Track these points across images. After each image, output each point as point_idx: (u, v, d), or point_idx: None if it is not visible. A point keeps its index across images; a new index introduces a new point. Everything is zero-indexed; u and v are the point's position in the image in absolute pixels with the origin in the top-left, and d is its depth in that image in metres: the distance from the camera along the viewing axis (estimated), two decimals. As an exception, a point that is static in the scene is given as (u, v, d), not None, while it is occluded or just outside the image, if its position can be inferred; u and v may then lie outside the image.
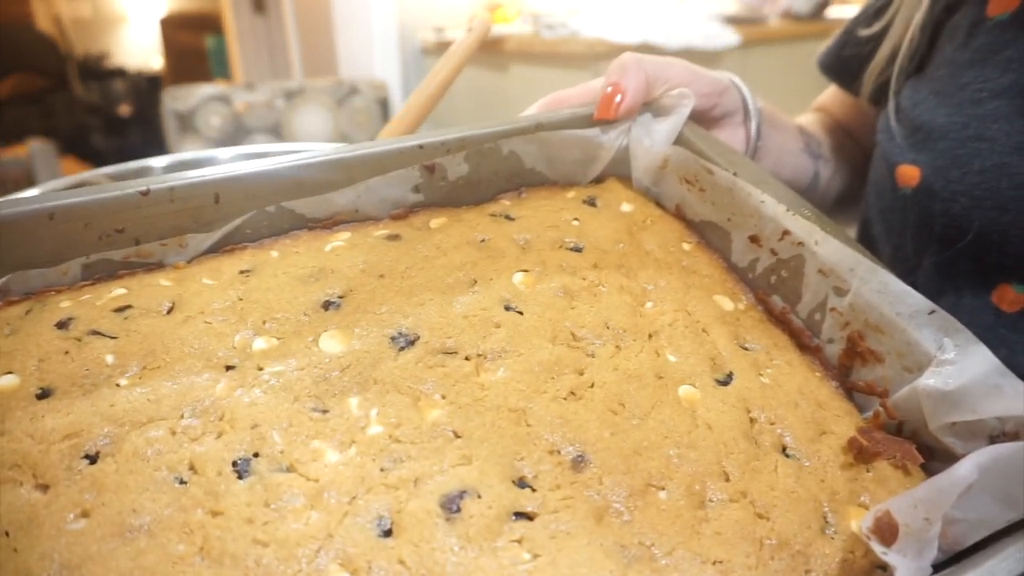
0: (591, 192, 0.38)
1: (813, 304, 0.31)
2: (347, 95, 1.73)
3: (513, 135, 0.36)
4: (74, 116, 4.55)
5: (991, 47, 0.40)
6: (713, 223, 0.35)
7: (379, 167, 0.34)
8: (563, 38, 1.53)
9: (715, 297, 0.32)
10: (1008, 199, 0.37)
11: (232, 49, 2.88)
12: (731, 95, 0.43)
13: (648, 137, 0.38)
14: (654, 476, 0.24)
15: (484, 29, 0.49)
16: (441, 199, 0.36)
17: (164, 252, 0.31)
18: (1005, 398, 0.24)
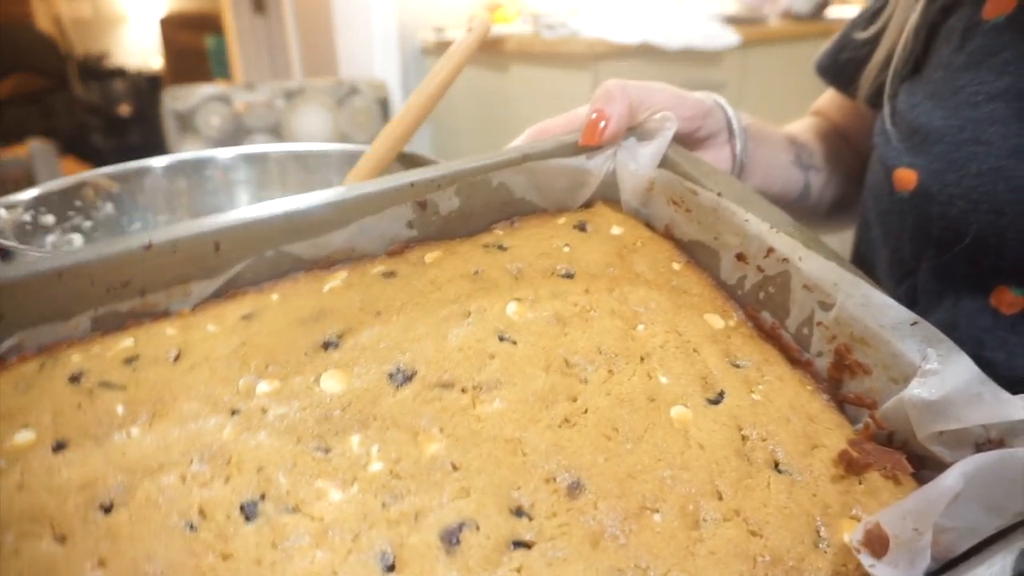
0: (582, 217, 0.39)
1: (801, 319, 0.32)
2: (347, 95, 1.73)
3: (501, 167, 0.37)
4: (74, 116, 4.55)
5: (987, 50, 0.41)
6: (701, 242, 0.36)
7: (372, 206, 0.35)
8: (563, 38, 1.53)
9: (705, 316, 0.33)
10: (1005, 202, 0.38)
11: (232, 49, 2.88)
12: (715, 116, 0.44)
13: (634, 161, 0.39)
14: (648, 499, 0.24)
15: (484, 29, 0.49)
16: (435, 233, 0.37)
17: (169, 301, 0.32)
18: (986, 406, 0.24)
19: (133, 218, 0.54)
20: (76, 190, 0.50)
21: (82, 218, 0.51)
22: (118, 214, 0.53)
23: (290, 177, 0.59)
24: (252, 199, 0.59)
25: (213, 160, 0.57)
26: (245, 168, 0.58)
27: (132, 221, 0.54)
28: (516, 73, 1.68)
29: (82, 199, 0.51)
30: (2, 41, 4.12)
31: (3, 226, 0.44)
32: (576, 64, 1.51)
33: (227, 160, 0.58)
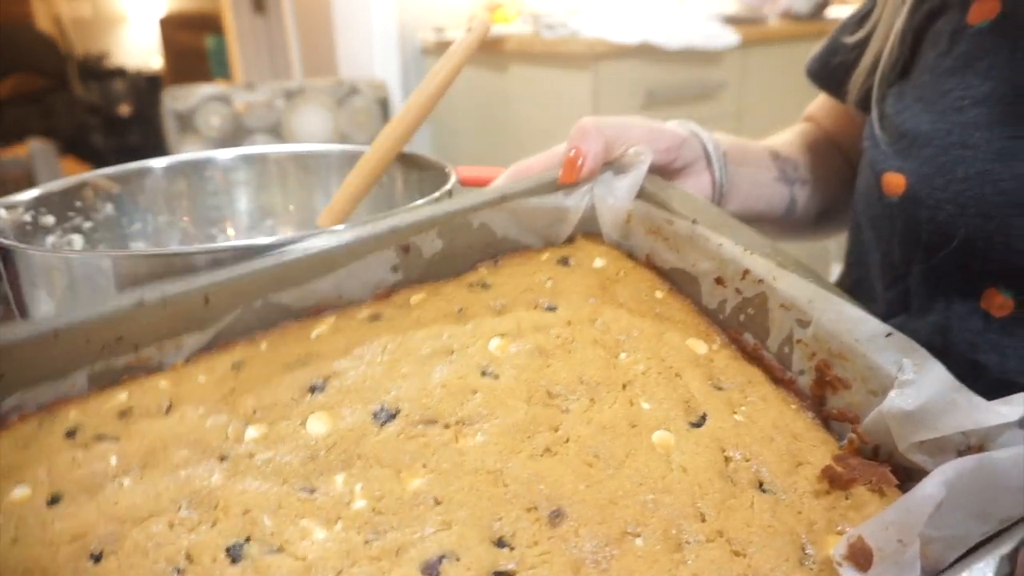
0: (564, 252, 0.39)
1: (781, 338, 0.32)
2: (347, 95, 1.72)
3: (481, 208, 0.38)
4: (74, 116, 4.54)
5: (972, 54, 0.41)
6: (681, 270, 0.37)
7: (356, 252, 0.36)
8: (563, 38, 1.53)
9: (688, 341, 0.33)
10: (992, 206, 0.38)
11: (232, 49, 2.88)
12: (690, 145, 0.46)
13: (611, 195, 0.40)
14: (630, 523, 0.24)
15: (484, 29, 0.49)
16: (421, 275, 0.38)
17: (162, 355, 0.33)
18: (961, 412, 0.24)
19: (133, 219, 0.54)
20: (76, 191, 0.50)
21: (82, 219, 0.51)
22: (118, 215, 0.53)
23: (290, 178, 0.59)
24: (252, 200, 0.59)
25: (213, 161, 0.57)
26: (245, 169, 0.58)
27: (132, 222, 0.54)
28: (516, 73, 1.68)
29: (82, 200, 0.51)
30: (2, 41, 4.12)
31: (3, 226, 0.44)
32: (576, 64, 1.51)
33: (227, 161, 0.58)
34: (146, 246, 0.55)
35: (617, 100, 1.55)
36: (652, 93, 1.59)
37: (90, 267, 0.37)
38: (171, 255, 0.38)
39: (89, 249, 0.50)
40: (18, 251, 0.38)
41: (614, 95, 1.54)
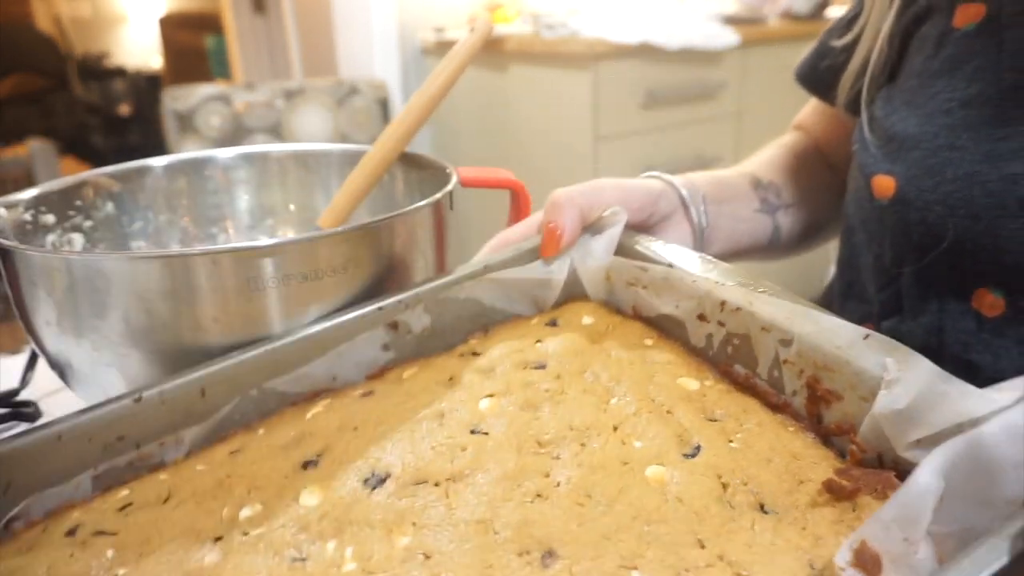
0: (553, 315, 0.40)
1: (769, 362, 0.32)
2: (347, 95, 1.72)
3: (464, 281, 0.39)
4: (74, 116, 4.54)
5: (958, 58, 0.41)
6: (666, 315, 0.37)
7: (345, 333, 0.37)
8: (563, 38, 1.53)
9: (679, 380, 0.33)
10: (980, 207, 0.38)
11: (232, 49, 2.87)
12: (666, 197, 0.47)
13: (590, 256, 0.41)
14: (626, 557, 0.24)
15: (486, 29, 0.49)
16: (412, 352, 0.39)
17: (163, 451, 0.33)
18: (953, 403, 0.24)
19: (134, 218, 0.54)
20: (76, 189, 0.50)
21: (83, 217, 0.51)
22: (119, 213, 0.53)
23: (290, 177, 0.59)
24: (252, 199, 0.59)
25: (213, 160, 0.57)
26: (245, 168, 0.58)
27: (133, 221, 0.54)
28: (516, 73, 1.68)
29: (82, 199, 0.51)
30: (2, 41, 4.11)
31: (3, 225, 0.44)
32: (576, 64, 1.51)
33: (227, 160, 0.58)
34: (147, 245, 0.55)
35: (617, 100, 1.55)
36: (652, 93, 1.59)
37: (89, 267, 0.36)
38: (171, 256, 0.38)
39: (89, 249, 0.50)
40: (17, 251, 0.38)
41: (614, 95, 1.54)
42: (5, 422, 0.49)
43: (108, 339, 0.38)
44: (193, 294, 0.36)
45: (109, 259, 0.37)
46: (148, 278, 0.36)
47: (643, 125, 1.62)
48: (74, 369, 0.40)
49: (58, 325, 0.39)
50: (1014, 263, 0.38)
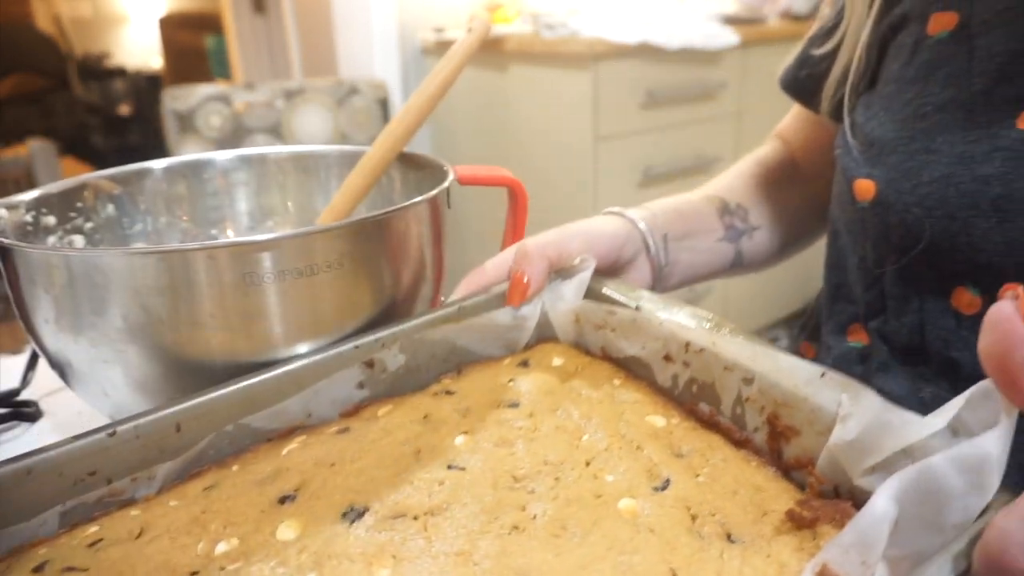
0: (525, 356, 0.42)
1: (731, 400, 0.34)
2: (347, 95, 1.73)
3: (439, 323, 0.40)
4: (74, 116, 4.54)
5: (932, 64, 0.43)
6: (633, 356, 0.39)
7: (322, 371, 0.37)
8: (563, 38, 1.53)
9: (647, 418, 0.35)
10: (955, 207, 0.40)
11: (232, 49, 2.87)
12: (632, 240, 0.50)
13: (560, 300, 0.43)
14: None
15: (484, 29, 0.49)
16: (386, 390, 0.39)
17: (135, 487, 0.33)
18: (896, 430, 0.26)
19: (134, 220, 0.54)
20: (77, 192, 0.51)
21: (83, 219, 0.51)
22: (119, 215, 0.53)
23: (290, 178, 0.59)
24: (252, 201, 0.59)
25: (212, 162, 0.57)
26: (244, 170, 0.58)
27: (133, 223, 0.54)
28: (516, 73, 1.68)
29: (83, 201, 0.51)
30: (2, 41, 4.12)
31: (4, 226, 0.44)
32: (576, 64, 1.51)
33: (226, 162, 0.58)
34: (146, 246, 0.55)
35: (617, 100, 1.55)
36: (652, 93, 1.59)
37: (89, 265, 0.37)
38: (168, 252, 0.38)
39: (88, 247, 0.51)
40: (16, 249, 0.38)
41: (614, 95, 1.54)
42: (6, 422, 0.50)
43: (106, 336, 0.38)
44: (190, 290, 0.37)
45: (107, 255, 0.37)
46: (145, 274, 0.36)
47: (643, 125, 1.62)
48: (74, 368, 0.41)
49: (57, 323, 0.39)
50: (988, 262, 0.39)
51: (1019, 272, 0.38)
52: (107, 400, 0.41)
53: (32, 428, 0.50)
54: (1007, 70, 0.39)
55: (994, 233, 0.38)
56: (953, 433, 0.25)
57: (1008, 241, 0.38)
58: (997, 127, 0.39)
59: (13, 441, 0.48)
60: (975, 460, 0.22)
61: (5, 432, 0.49)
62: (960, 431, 0.25)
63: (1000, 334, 0.23)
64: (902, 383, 0.46)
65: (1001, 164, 0.38)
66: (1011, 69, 0.39)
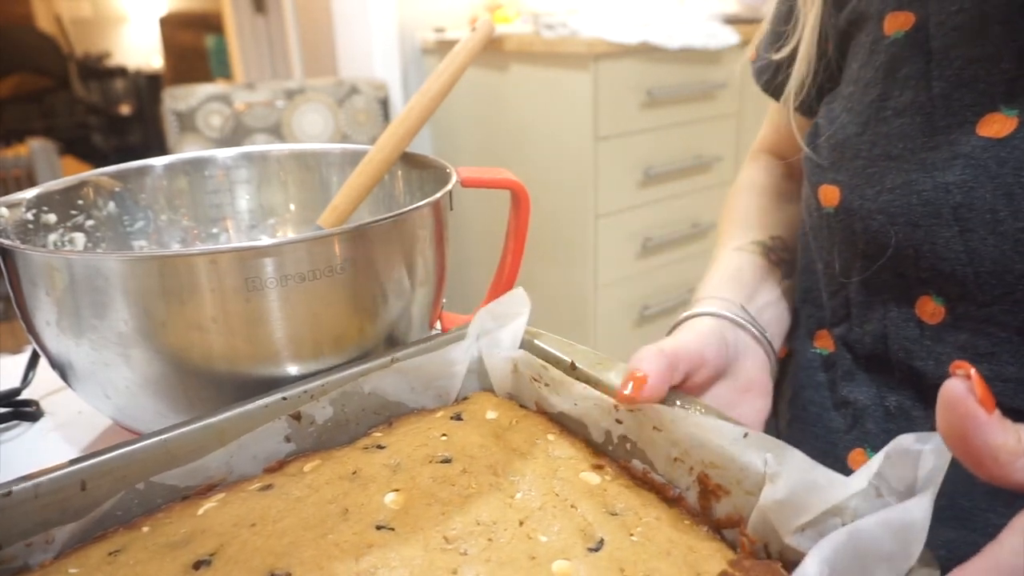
0: (458, 409, 0.40)
1: (662, 459, 0.33)
2: (347, 95, 1.73)
3: (371, 372, 0.39)
4: (75, 115, 4.55)
5: (890, 65, 0.42)
6: (566, 412, 0.38)
7: (246, 424, 0.35)
8: (563, 38, 1.53)
9: (582, 474, 0.34)
10: (918, 215, 0.39)
11: (232, 49, 2.87)
12: (726, 329, 0.44)
13: (497, 346, 0.41)
14: None
15: (488, 29, 0.49)
16: (313, 444, 0.37)
17: (29, 552, 0.30)
18: (821, 491, 0.26)
19: (136, 217, 0.54)
20: (78, 189, 0.51)
21: (84, 217, 0.51)
22: (120, 213, 0.53)
23: (291, 177, 0.59)
24: (253, 199, 0.59)
25: (214, 159, 0.57)
26: (246, 168, 0.58)
27: (134, 220, 0.54)
28: (516, 73, 1.68)
29: (84, 198, 0.51)
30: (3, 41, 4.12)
31: (5, 225, 0.44)
32: (576, 64, 1.51)
33: (228, 160, 0.58)
34: (148, 245, 0.55)
35: (617, 100, 1.55)
36: (652, 93, 1.59)
37: (90, 268, 0.37)
38: (169, 256, 0.38)
39: (91, 248, 0.50)
40: (18, 251, 0.38)
41: (614, 95, 1.54)
42: (7, 421, 0.49)
43: (107, 339, 0.38)
44: (192, 294, 0.37)
45: (108, 259, 0.37)
46: (147, 278, 0.36)
47: (643, 125, 1.62)
48: (74, 369, 0.40)
49: (58, 325, 0.39)
50: (951, 270, 0.38)
51: (980, 282, 0.37)
52: (108, 402, 0.41)
53: (33, 428, 0.50)
54: (964, 75, 0.38)
55: (956, 242, 0.38)
56: (876, 492, 0.26)
57: (969, 251, 0.37)
58: (957, 133, 0.38)
59: (14, 440, 0.48)
60: (902, 524, 0.23)
61: (6, 432, 0.49)
62: (881, 488, 0.26)
63: (957, 417, 0.23)
64: (867, 391, 0.45)
65: (961, 172, 0.37)
66: (968, 74, 0.38)
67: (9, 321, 1.86)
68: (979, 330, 0.38)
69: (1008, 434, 0.23)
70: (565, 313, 1.73)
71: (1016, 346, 0.37)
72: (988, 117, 0.37)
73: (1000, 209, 0.36)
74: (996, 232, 0.36)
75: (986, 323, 0.38)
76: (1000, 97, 0.36)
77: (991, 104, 0.37)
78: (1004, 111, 0.36)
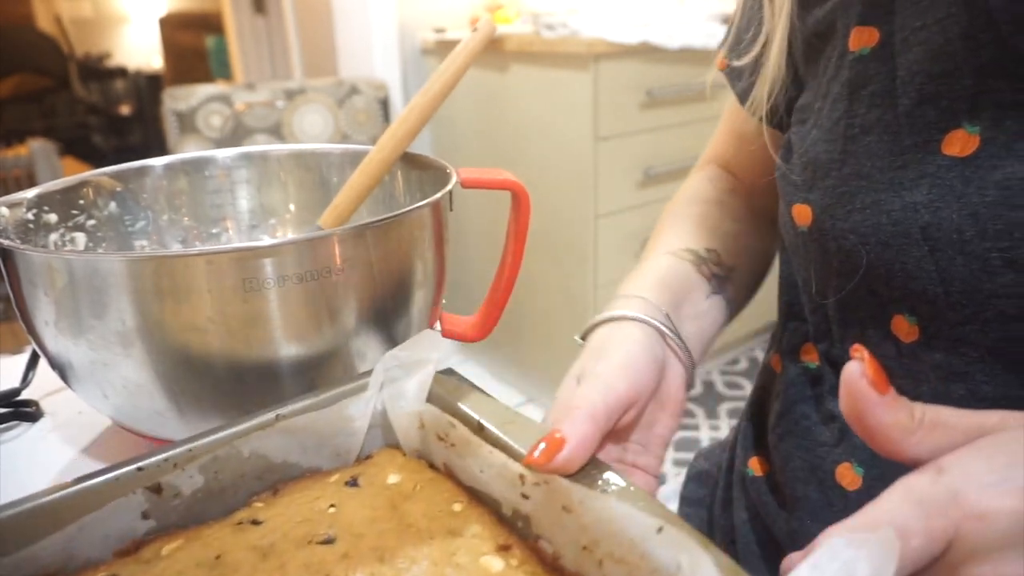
0: (356, 471, 0.35)
1: (573, 545, 0.29)
2: (347, 95, 1.73)
3: (250, 433, 0.33)
4: (75, 116, 4.55)
5: (856, 82, 0.41)
6: (474, 479, 0.33)
7: (91, 502, 0.29)
8: (563, 38, 1.53)
9: (483, 559, 0.30)
10: (888, 235, 0.39)
11: (232, 49, 2.88)
12: (660, 347, 0.42)
13: (402, 398, 0.36)
14: None
15: (489, 30, 0.49)
16: (179, 519, 0.32)
17: None
18: None
19: (137, 217, 0.54)
20: (78, 189, 0.51)
21: (85, 217, 0.51)
22: (121, 213, 0.53)
23: (291, 177, 0.59)
24: (253, 199, 0.59)
25: (214, 160, 0.57)
26: (246, 168, 0.58)
27: (136, 220, 0.54)
28: (516, 73, 1.68)
29: (84, 198, 0.51)
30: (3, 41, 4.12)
31: (5, 225, 0.44)
32: (576, 64, 1.51)
33: (228, 160, 0.58)
34: (149, 244, 0.55)
35: (617, 100, 1.55)
36: (652, 93, 1.59)
37: (89, 269, 0.37)
38: (168, 256, 0.38)
39: (91, 248, 0.50)
40: (17, 251, 0.38)
41: (614, 95, 1.54)
42: (6, 421, 0.49)
43: (106, 339, 0.38)
44: (190, 294, 0.37)
45: (107, 259, 0.37)
46: (144, 278, 0.36)
47: (643, 125, 1.62)
48: (74, 369, 0.40)
49: (57, 325, 0.39)
50: (922, 290, 0.38)
51: (951, 301, 0.37)
52: (107, 402, 0.41)
53: (32, 428, 0.50)
54: (926, 91, 0.37)
55: (926, 262, 0.37)
56: None
57: (940, 270, 0.37)
58: (923, 151, 0.37)
59: (14, 441, 0.48)
60: None
61: (5, 432, 0.49)
62: None
63: (852, 398, 0.25)
64: None
65: (928, 191, 0.37)
66: (930, 90, 0.37)
67: (9, 321, 1.86)
68: (953, 349, 0.38)
69: (900, 412, 0.25)
70: (565, 313, 1.73)
71: (989, 366, 0.37)
72: (952, 134, 0.36)
73: (966, 229, 0.35)
74: (964, 252, 0.36)
75: (959, 342, 0.38)
76: (963, 114, 0.36)
77: (955, 121, 0.36)
78: (967, 128, 0.36)
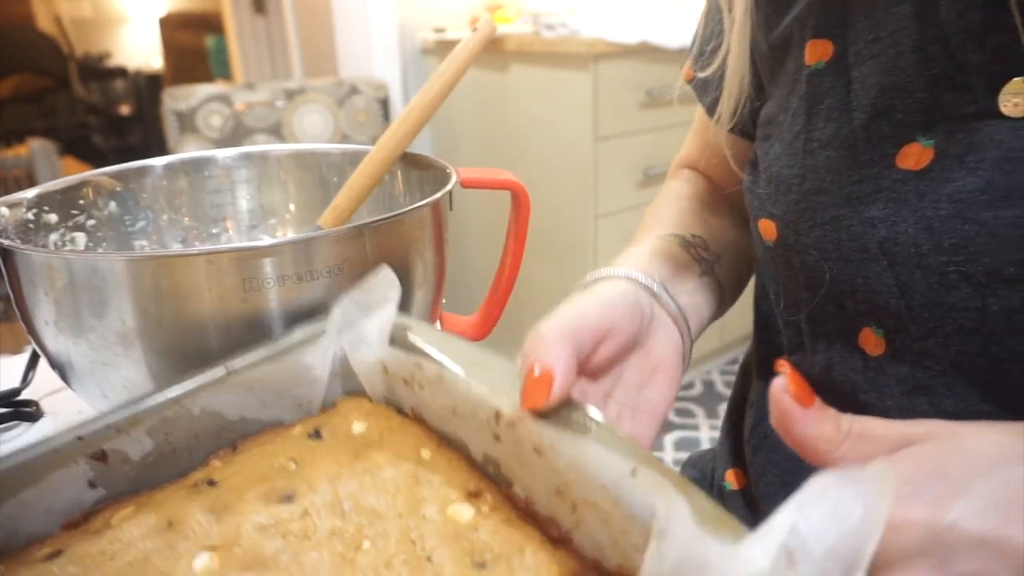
0: (319, 422, 0.34)
1: (545, 488, 0.27)
2: (347, 95, 1.73)
3: (199, 391, 0.31)
4: (75, 116, 4.55)
5: (813, 96, 0.41)
6: (444, 421, 0.32)
7: (28, 477, 0.28)
8: (563, 38, 1.53)
9: (452, 508, 0.28)
10: (848, 250, 0.39)
11: (232, 49, 2.88)
12: (644, 299, 0.41)
13: (363, 343, 0.34)
14: None
15: (489, 30, 0.49)
16: (131, 485, 0.30)
17: None
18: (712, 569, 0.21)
19: (137, 217, 0.54)
20: (78, 189, 0.51)
21: (85, 217, 0.51)
22: (121, 212, 0.53)
23: (291, 177, 0.59)
24: (253, 199, 0.59)
25: (213, 160, 0.57)
26: (246, 167, 0.58)
27: (136, 220, 0.54)
28: (516, 73, 1.68)
29: (84, 198, 0.51)
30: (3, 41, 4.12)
31: (5, 225, 0.44)
32: (576, 64, 1.51)
33: (228, 160, 0.58)
34: (149, 244, 0.55)
35: (617, 100, 1.55)
36: (652, 93, 1.59)
37: (89, 268, 0.37)
38: (167, 256, 0.38)
39: (92, 248, 0.50)
40: (17, 251, 0.38)
41: (614, 95, 1.54)
42: (6, 421, 0.49)
43: (106, 339, 0.38)
44: (190, 294, 0.37)
45: (107, 259, 0.37)
46: (144, 278, 0.36)
47: (643, 125, 1.62)
48: (74, 369, 0.40)
49: (57, 325, 0.39)
50: (885, 303, 0.38)
51: (913, 315, 0.37)
52: (106, 402, 0.41)
53: (33, 428, 0.50)
54: (880, 104, 0.37)
55: (887, 276, 0.37)
56: (788, 558, 0.20)
57: (900, 284, 0.37)
58: (879, 166, 0.37)
59: (14, 440, 0.48)
60: None
61: (6, 432, 0.49)
62: (796, 554, 0.20)
63: (778, 412, 0.25)
64: None
65: (884, 206, 0.37)
66: (883, 103, 0.37)
67: (9, 321, 1.86)
68: (917, 363, 0.38)
69: (826, 424, 0.25)
70: (565, 313, 1.73)
71: (951, 379, 0.37)
72: (907, 148, 0.36)
73: (923, 243, 0.35)
74: (921, 266, 0.36)
75: (923, 356, 0.38)
76: (917, 127, 0.36)
77: (909, 135, 0.36)
78: (922, 141, 0.36)
